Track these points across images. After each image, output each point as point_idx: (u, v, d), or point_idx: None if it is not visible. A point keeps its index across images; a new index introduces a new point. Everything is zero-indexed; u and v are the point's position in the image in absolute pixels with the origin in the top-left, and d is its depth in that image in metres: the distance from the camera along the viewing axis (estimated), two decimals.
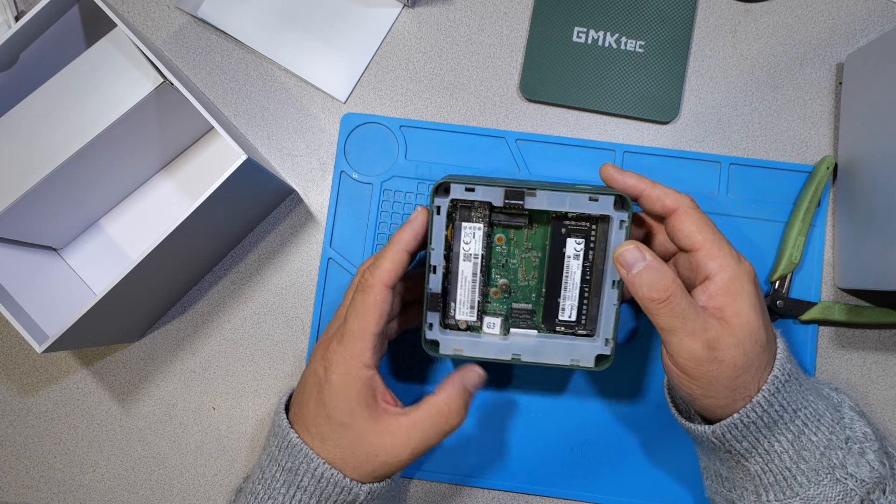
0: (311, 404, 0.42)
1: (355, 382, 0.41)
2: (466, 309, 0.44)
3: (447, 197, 0.41)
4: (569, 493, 0.51)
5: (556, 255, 0.43)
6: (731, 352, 0.39)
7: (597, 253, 0.43)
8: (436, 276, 0.42)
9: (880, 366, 0.51)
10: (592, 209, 0.41)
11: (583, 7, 0.54)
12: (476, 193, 0.41)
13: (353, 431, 0.41)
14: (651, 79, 0.53)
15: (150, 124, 0.48)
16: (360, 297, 0.41)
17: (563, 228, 0.43)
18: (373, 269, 0.41)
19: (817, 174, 0.51)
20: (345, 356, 0.41)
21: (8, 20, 0.52)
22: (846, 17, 0.54)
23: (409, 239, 0.42)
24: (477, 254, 0.43)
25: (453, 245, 0.43)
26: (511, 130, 0.54)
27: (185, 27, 0.55)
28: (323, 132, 0.54)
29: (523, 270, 0.44)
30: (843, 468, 0.40)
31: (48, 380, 0.53)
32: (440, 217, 0.42)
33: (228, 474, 0.52)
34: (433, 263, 0.42)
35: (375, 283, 0.41)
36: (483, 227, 0.42)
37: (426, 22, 0.55)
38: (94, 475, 0.53)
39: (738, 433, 0.41)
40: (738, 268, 0.41)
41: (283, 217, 0.54)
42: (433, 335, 0.43)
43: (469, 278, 0.43)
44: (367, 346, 0.41)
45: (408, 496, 0.52)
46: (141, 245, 0.54)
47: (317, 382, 0.42)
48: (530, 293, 0.45)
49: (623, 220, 0.41)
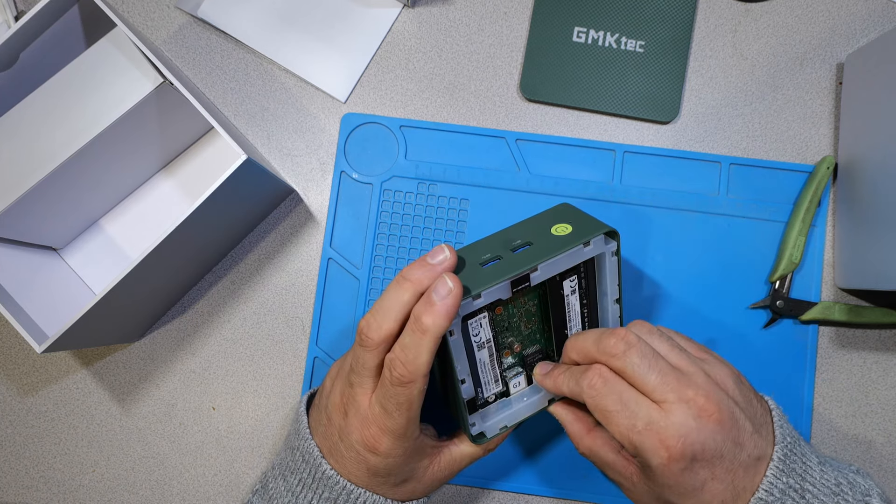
0: (362, 475, 0.41)
1: (412, 454, 0.41)
2: (492, 385, 0.44)
3: (458, 317, 0.39)
4: (569, 494, 0.51)
5: (556, 298, 0.43)
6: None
7: (587, 279, 0.43)
8: (466, 385, 0.42)
9: (880, 366, 0.51)
10: (589, 254, 0.42)
11: (583, 7, 0.54)
12: (483, 299, 0.39)
13: (414, 481, 0.42)
14: (651, 79, 0.53)
15: (150, 124, 0.48)
16: (400, 392, 0.38)
17: (557, 276, 0.42)
18: (408, 362, 0.37)
19: (817, 174, 0.51)
20: (396, 444, 0.40)
21: (8, 20, 0.52)
22: (846, 17, 0.54)
23: (446, 326, 0.37)
24: (489, 338, 0.42)
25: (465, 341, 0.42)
26: (511, 130, 0.54)
27: (185, 27, 0.55)
28: (323, 132, 0.54)
29: (525, 322, 0.44)
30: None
31: (48, 380, 0.53)
32: (455, 338, 0.40)
33: (228, 474, 0.52)
34: (461, 378, 0.41)
35: (416, 378, 0.37)
36: (486, 314, 0.41)
37: (426, 22, 0.55)
38: (94, 475, 0.53)
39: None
40: (653, 460, 0.37)
41: (283, 217, 0.54)
42: (478, 429, 0.44)
43: (487, 362, 0.43)
44: (415, 429, 0.40)
45: None
46: (141, 245, 0.54)
47: (364, 461, 0.40)
48: (535, 335, 0.45)
49: (613, 251, 0.42)
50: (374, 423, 0.39)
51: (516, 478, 0.51)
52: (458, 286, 0.37)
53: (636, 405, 0.37)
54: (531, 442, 0.51)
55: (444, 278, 0.37)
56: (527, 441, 0.51)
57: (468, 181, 0.53)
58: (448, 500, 0.52)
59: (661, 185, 0.53)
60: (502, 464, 0.51)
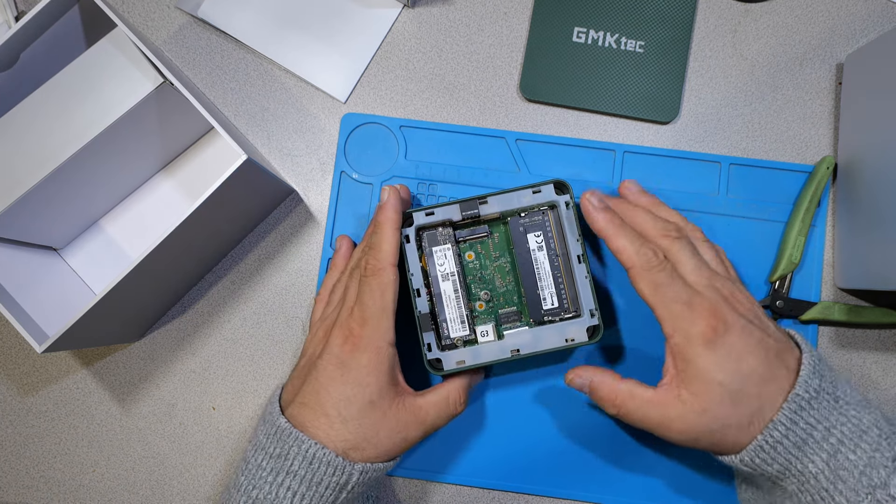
0: (333, 388, 0.42)
1: (385, 360, 0.43)
2: (458, 325, 0.46)
3: (412, 225, 0.46)
4: (569, 493, 0.51)
5: (523, 252, 0.47)
6: (700, 425, 0.40)
7: (556, 241, 0.46)
8: (421, 298, 0.46)
9: (880, 366, 0.51)
10: (538, 199, 0.46)
11: (583, 7, 0.54)
12: (436, 216, 0.46)
13: (380, 409, 0.42)
14: (651, 79, 0.53)
15: (150, 124, 0.48)
16: (373, 280, 0.43)
17: (521, 227, 0.47)
18: (375, 252, 0.44)
19: (817, 174, 0.51)
20: (371, 336, 0.42)
21: (8, 20, 0.52)
22: (846, 17, 0.54)
23: (395, 218, 0.45)
24: (453, 271, 0.46)
25: (430, 272, 0.46)
26: (511, 130, 0.54)
27: (185, 27, 0.55)
28: (323, 132, 0.54)
29: (499, 278, 0.48)
30: (885, 488, 0.38)
31: (48, 380, 0.53)
32: (411, 244, 0.46)
33: (228, 474, 0.52)
34: (416, 287, 0.46)
35: (384, 266, 0.43)
36: (451, 247, 0.46)
37: (426, 22, 0.55)
38: (94, 475, 0.53)
39: (766, 456, 0.40)
40: (689, 331, 0.41)
41: (283, 217, 0.54)
42: (434, 354, 0.46)
43: (452, 296, 0.46)
44: (389, 324, 0.43)
45: (406, 496, 0.52)
46: (141, 245, 0.54)
47: (339, 365, 0.42)
48: (511, 297, 0.48)
49: (567, 201, 0.46)
50: (353, 322, 0.43)
51: (516, 478, 0.51)
52: (394, 188, 0.46)
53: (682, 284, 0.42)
54: (531, 442, 0.51)
55: (384, 187, 0.46)
56: (526, 441, 0.51)
57: (468, 181, 0.53)
58: (448, 499, 0.52)
59: (662, 186, 0.53)
60: (502, 463, 0.51)
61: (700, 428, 0.40)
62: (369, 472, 0.42)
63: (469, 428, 0.51)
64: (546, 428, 0.51)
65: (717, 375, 0.40)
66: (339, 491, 0.41)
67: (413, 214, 0.46)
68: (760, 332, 0.42)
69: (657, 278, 0.42)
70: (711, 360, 0.40)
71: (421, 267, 0.46)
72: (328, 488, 0.41)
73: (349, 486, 0.42)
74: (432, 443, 0.51)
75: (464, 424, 0.51)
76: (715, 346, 0.40)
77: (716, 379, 0.40)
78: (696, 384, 0.40)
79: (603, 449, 0.51)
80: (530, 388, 0.52)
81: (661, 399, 0.41)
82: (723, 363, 0.40)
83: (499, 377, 0.52)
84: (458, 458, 0.51)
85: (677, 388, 0.41)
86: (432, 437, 0.51)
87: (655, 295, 0.42)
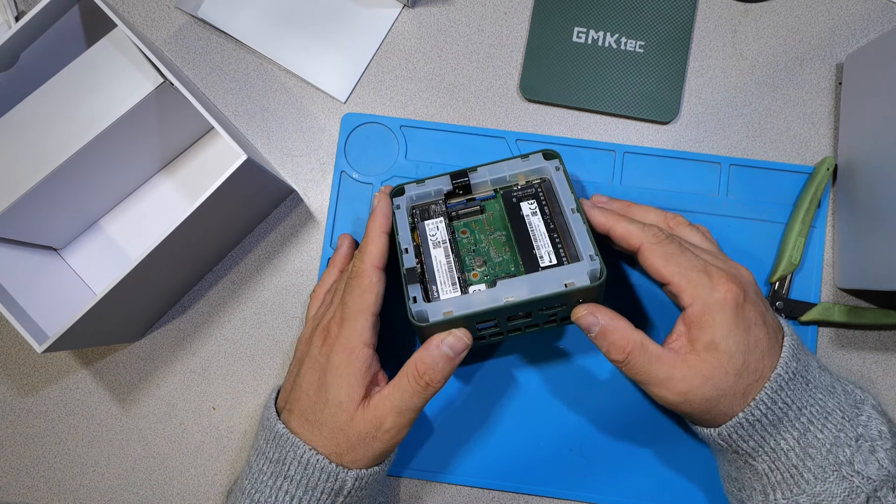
0: (312, 391, 0.42)
1: (356, 361, 0.42)
2: (449, 287, 0.42)
3: (403, 195, 0.47)
4: (568, 493, 0.51)
5: (517, 220, 0.45)
6: (701, 390, 0.40)
7: (551, 209, 0.45)
8: (408, 254, 0.44)
9: (880, 366, 0.51)
10: (527, 166, 0.47)
11: (583, 7, 0.54)
12: (426, 185, 0.47)
13: (347, 413, 0.41)
14: (651, 79, 0.53)
15: (150, 124, 0.48)
16: (355, 281, 0.43)
17: (514, 198, 0.46)
18: (361, 255, 0.44)
19: (817, 175, 0.51)
20: (346, 336, 0.42)
21: (8, 20, 0.52)
22: (846, 17, 0.54)
23: (384, 222, 0.45)
24: (444, 239, 0.45)
25: (422, 246, 0.45)
26: (511, 131, 0.54)
27: (185, 27, 0.55)
28: (323, 132, 0.54)
29: (494, 250, 0.45)
30: (850, 465, 0.40)
31: (48, 380, 0.53)
32: (401, 211, 0.46)
33: (228, 474, 0.52)
34: (403, 247, 0.44)
35: (367, 267, 0.43)
36: (443, 220, 0.46)
37: (426, 22, 0.55)
38: (94, 475, 0.53)
39: (743, 433, 0.41)
40: (710, 298, 0.41)
41: (283, 217, 0.54)
42: (419, 307, 0.41)
43: (444, 262, 0.44)
44: (366, 325, 0.42)
45: (406, 496, 0.52)
46: (141, 245, 0.54)
47: (318, 368, 0.43)
48: (508, 266, 0.44)
49: (556, 166, 0.46)
50: (332, 322, 0.43)
51: (516, 478, 0.51)
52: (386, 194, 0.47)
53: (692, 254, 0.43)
54: (530, 441, 0.51)
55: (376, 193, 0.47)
56: (526, 440, 0.51)
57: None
58: (448, 500, 0.52)
59: (662, 186, 0.53)
60: (502, 463, 0.51)
61: (700, 393, 0.40)
62: (364, 478, 0.42)
63: (469, 428, 0.51)
64: (546, 428, 0.51)
65: (730, 345, 0.40)
66: (334, 496, 0.42)
67: (405, 186, 0.47)
68: (763, 307, 0.43)
69: (668, 249, 0.42)
70: (727, 328, 0.40)
71: (414, 245, 0.44)
72: (323, 492, 0.42)
73: (344, 491, 0.42)
74: (432, 442, 0.51)
75: (465, 425, 0.51)
76: (733, 313, 0.41)
77: (728, 349, 0.40)
78: (708, 351, 0.40)
79: (603, 449, 0.51)
80: (530, 388, 0.51)
81: (669, 359, 0.41)
82: (735, 332, 0.40)
83: (501, 374, 0.52)
84: (458, 458, 0.51)
85: (687, 352, 0.41)
86: (432, 436, 0.51)
87: (669, 265, 0.42)
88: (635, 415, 0.51)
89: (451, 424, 0.51)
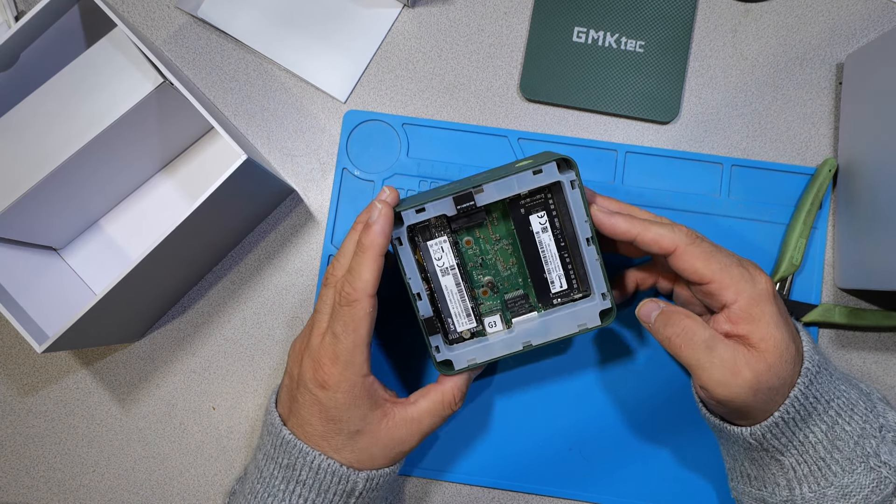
0: (317, 422, 0.42)
1: (361, 394, 0.41)
2: (464, 319, 0.44)
3: (402, 226, 0.41)
4: (568, 493, 0.51)
5: (526, 236, 0.43)
6: (765, 377, 0.39)
7: (562, 220, 0.43)
8: (423, 301, 0.42)
9: (880, 366, 0.51)
10: (541, 181, 0.41)
11: (583, 7, 0.54)
12: (427, 212, 0.41)
13: (368, 435, 0.42)
14: (651, 79, 0.53)
15: (150, 124, 0.48)
16: (347, 312, 0.40)
17: (522, 209, 0.43)
18: (353, 280, 0.40)
19: (819, 176, 0.51)
20: (345, 375, 0.40)
21: (8, 20, 0.52)
22: (846, 17, 0.54)
23: (383, 243, 0.40)
24: (452, 264, 0.43)
25: (427, 266, 0.43)
26: (513, 129, 0.54)
27: (185, 27, 0.55)
28: (323, 132, 0.54)
29: (501, 262, 0.45)
30: (877, 456, 0.40)
31: (48, 380, 0.53)
32: (404, 247, 0.42)
33: (228, 474, 0.52)
34: (415, 292, 0.42)
35: (361, 297, 0.40)
36: (447, 239, 0.43)
37: (426, 22, 0.55)
38: (94, 475, 0.53)
39: (777, 431, 0.41)
40: (755, 290, 0.41)
41: (283, 217, 0.54)
42: (443, 356, 0.43)
43: (454, 290, 0.43)
44: (363, 358, 0.41)
45: (407, 495, 0.52)
46: (141, 245, 0.54)
47: (316, 402, 0.41)
48: (516, 279, 0.45)
49: (572, 180, 0.41)
50: (323, 355, 0.41)
51: (516, 477, 0.51)
52: (387, 206, 0.40)
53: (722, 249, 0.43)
54: (530, 441, 0.51)
55: (375, 203, 0.40)
56: (526, 440, 0.51)
57: None
58: (448, 499, 0.52)
59: (663, 186, 0.53)
60: (502, 462, 0.51)
61: (763, 383, 0.39)
62: (375, 478, 0.42)
63: (470, 427, 0.51)
64: (547, 428, 0.51)
65: (783, 333, 0.40)
66: (346, 497, 0.42)
67: (402, 214, 0.41)
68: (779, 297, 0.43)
69: (705, 248, 0.42)
70: (777, 317, 0.40)
71: (416, 261, 0.42)
72: (336, 494, 0.42)
73: (356, 492, 0.42)
74: (433, 442, 0.51)
75: (465, 424, 0.51)
76: (776, 304, 0.41)
77: (783, 337, 0.40)
78: (765, 342, 0.40)
79: (603, 449, 0.51)
80: (532, 388, 0.51)
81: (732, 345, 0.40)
82: (781, 322, 0.41)
83: (501, 374, 0.52)
84: (459, 457, 0.51)
85: (743, 346, 0.40)
86: (432, 436, 0.51)
87: (710, 264, 0.41)
88: (635, 415, 0.51)
89: (451, 424, 0.51)
